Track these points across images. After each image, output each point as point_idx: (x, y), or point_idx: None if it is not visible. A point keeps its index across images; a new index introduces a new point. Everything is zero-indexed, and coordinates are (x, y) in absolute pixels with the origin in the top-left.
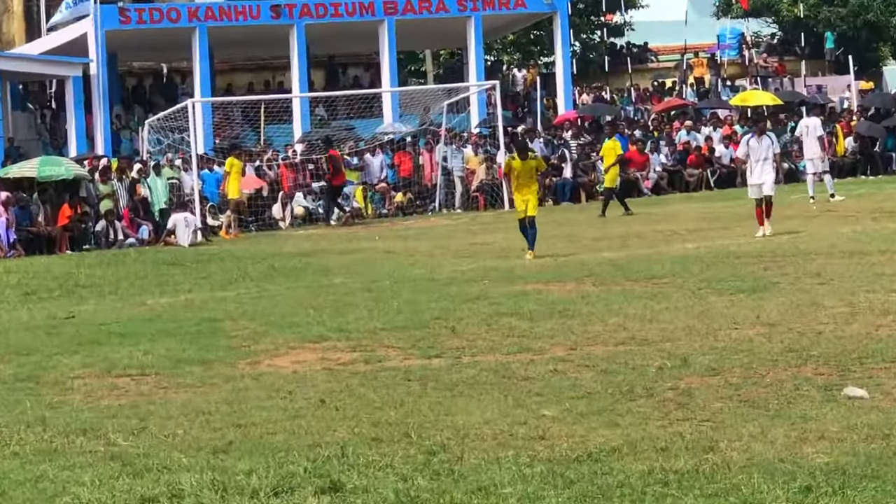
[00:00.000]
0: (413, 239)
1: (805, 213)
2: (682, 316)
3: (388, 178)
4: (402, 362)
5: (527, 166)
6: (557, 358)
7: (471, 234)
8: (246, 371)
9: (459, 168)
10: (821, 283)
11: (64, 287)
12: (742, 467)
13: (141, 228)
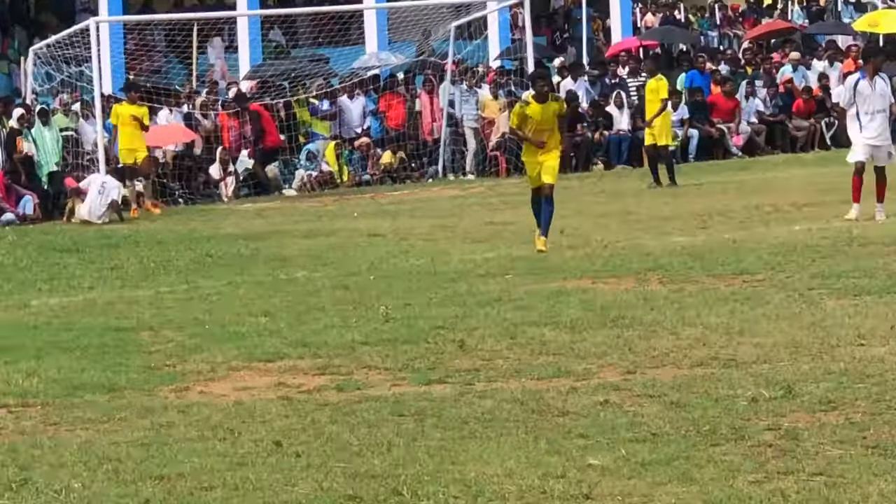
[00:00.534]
0: (407, 216)
1: None
2: (784, 327)
3: (372, 130)
4: (391, 389)
5: (547, 113)
6: (609, 385)
7: (488, 210)
8: (170, 401)
9: (472, 117)
10: None
11: None
12: None
13: (23, 199)
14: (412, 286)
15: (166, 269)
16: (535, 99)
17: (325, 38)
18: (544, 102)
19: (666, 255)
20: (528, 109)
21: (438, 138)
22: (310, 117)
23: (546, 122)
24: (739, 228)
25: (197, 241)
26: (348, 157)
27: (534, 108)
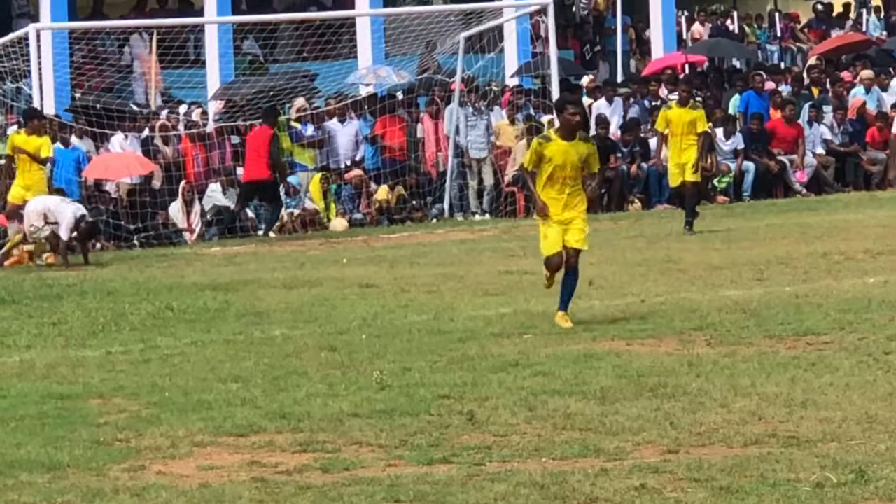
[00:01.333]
0: (406, 264)
1: None
2: (856, 398)
3: (366, 160)
4: (386, 470)
5: (572, 155)
6: (646, 466)
7: (503, 257)
8: (122, 482)
9: (480, 146)
10: None
11: None
12: None
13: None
14: (412, 347)
15: (119, 325)
16: (559, 134)
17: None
18: (571, 140)
19: (715, 311)
20: (547, 148)
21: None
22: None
23: (570, 167)
24: (803, 281)
25: (156, 291)
26: (337, 193)
27: (556, 146)
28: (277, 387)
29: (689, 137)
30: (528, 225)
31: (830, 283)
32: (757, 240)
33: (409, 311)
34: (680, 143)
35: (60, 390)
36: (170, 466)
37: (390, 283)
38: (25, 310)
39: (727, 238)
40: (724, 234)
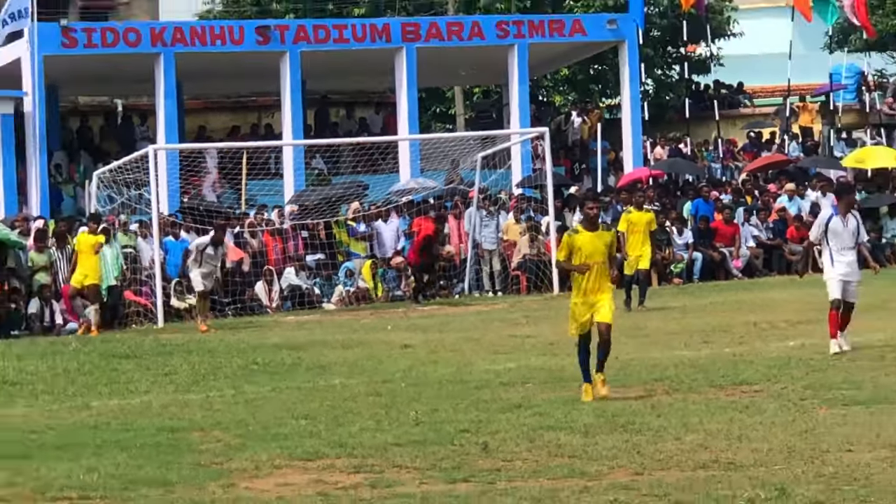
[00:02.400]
0: (436, 329)
1: None
2: (779, 433)
3: (405, 251)
4: (419, 487)
5: (597, 243)
6: (619, 485)
7: (510, 325)
8: (217, 496)
9: (491, 240)
10: None
11: None
12: None
13: (86, 310)
14: (440, 393)
15: (216, 375)
16: (584, 226)
17: (364, 166)
18: (594, 230)
19: (672, 367)
20: (576, 239)
21: (465, 259)
22: (348, 238)
23: (597, 253)
24: (739, 343)
25: (244, 350)
26: (383, 275)
27: (583, 237)
28: (336, 423)
29: (646, 234)
30: (529, 300)
31: (759, 345)
32: (704, 312)
33: (437, 365)
34: (639, 239)
35: (171, 424)
36: (254, 484)
37: (423, 345)
38: (144, 363)
39: (681, 311)
40: (678, 308)
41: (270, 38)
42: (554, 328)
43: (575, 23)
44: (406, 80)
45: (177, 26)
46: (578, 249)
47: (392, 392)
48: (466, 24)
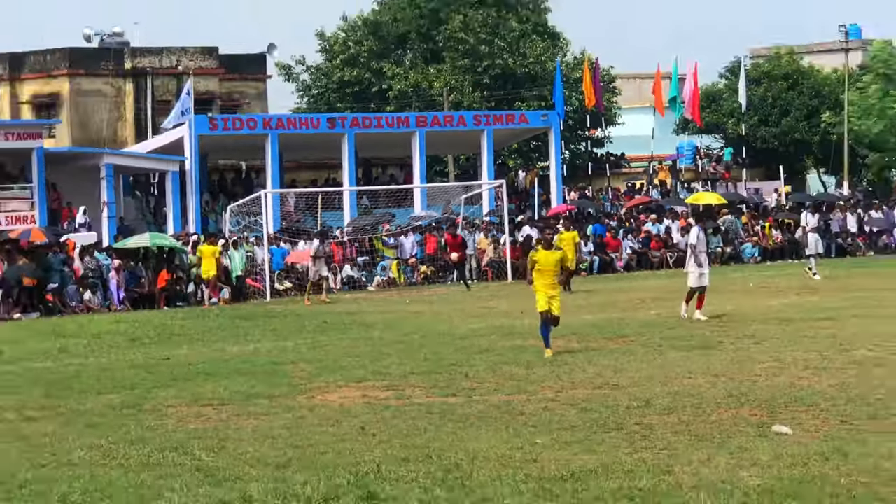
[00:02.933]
0: (436, 303)
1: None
2: (645, 367)
3: (417, 255)
4: (426, 399)
5: (550, 259)
6: (547, 398)
7: (481, 300)
8: (302, 404)
9: (471, 248)
10: (755, 343)
11: (161, 335)
12: (691, 487)
13: (222, 291)
14: (439, 342)
15: (301, 330)
16: (542, 246)
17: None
18: (549, 249)
19: (580, 327)
20: (536, 255)
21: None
22: (382, 247)
23: (549, 264)
24: (621, 312)
25: (318, 315)
26: (404, 270)
27: (541, 254)
28: (375, 360)
29: (571, 245)
30: (494, 286)
31: (634, 313)
32: (599, 294)
33: (437, 325)
34: (570, 248)
35: (273, 360)
36: (325, 397)
37: (429, 312)
38: (257, 323)
39: (585, 293)
40: (584, 291)
41: (336, 124)
42: (508, 303)
43: (522, 116)
44: (418, 151)
45: (279, 117)
46: (537, 261)
47: (409, 341)
48: (455, 117)
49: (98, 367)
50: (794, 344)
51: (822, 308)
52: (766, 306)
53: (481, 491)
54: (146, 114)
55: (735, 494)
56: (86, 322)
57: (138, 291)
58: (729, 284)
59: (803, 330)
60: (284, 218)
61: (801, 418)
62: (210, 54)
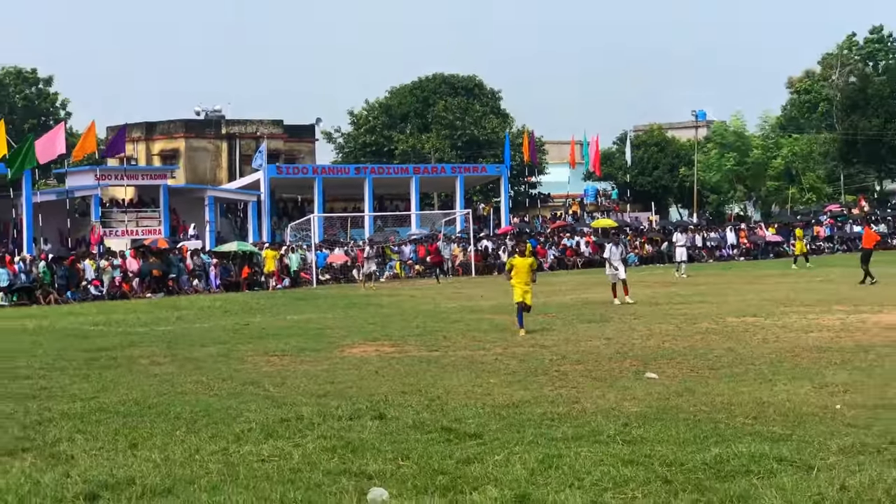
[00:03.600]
0: (426, 290)
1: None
2: (562, 334)
3: (412, 258)
4: (418, 353)
5: (524, 264)
6: (497, 353)
7: (455, 289)
8: (336, 355)
9: (449, 254)
10: (634, 319)
11: (243, 309)
12: (592, 412)
13: (284, 280)
14: (427, 315)
15: (335, 307)
16: (518, 253)
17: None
18: (523, 257)
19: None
20: (514, 260)
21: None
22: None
23: (523, 269)
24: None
25: (350, 297)
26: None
27: (517, 260)
28: (384, 326)
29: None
30: (464, 281)
31: (557, 298)
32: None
33: (426, 305)
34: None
35: (317, 326)
36: (351, 351)
37: (421, 295)
38: (307, 301)
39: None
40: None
41: (360, 172)
42: (472, 290)
43: (482, 167)
44: (414, 190)
45: (323, 166)
46: (514, 265)
47: (407, 314)
48: (438, 168)
49: (202, 329)
50: (659, 319)
51: (678, 295)
52: (642, 294)
53: (453, 413)
54: (235, 163)
55: (620, 417)
56: (194, 300)
57: (229, 280)
58: None
59: (666, 310)
60: (325, 232)
61: (664, 368)
62: (277, 124)
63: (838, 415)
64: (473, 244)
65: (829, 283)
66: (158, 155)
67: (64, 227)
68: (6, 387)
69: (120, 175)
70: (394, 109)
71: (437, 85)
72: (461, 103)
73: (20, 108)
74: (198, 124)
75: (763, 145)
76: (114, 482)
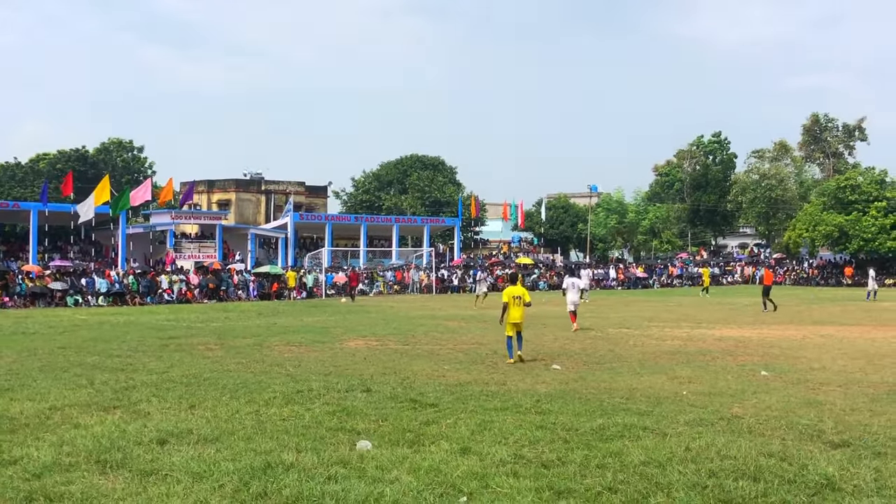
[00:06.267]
0: (401, 302)
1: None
2: (495, 335)
3: (392, 279)
4: (394, 346)
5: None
6: (450, 348)
7: (423, 302)
8: (337, 347)
9: (417, 278)
10: (544, 327)
11: (272, 312)
12: (515, 391)
13: (303, 293)
14: (402, 320)
15: (337, 312)
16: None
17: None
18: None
19: (466, 316)
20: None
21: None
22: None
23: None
24: (485, 309)
25: (346, 306)
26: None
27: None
28: (372, 327)
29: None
30: (428, 296)
31: (491, 312)
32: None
33: (400, 312)
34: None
35: (324, 325)
36: (349, 344)
37: (400, 306)
38: (317, 308)
39: (467, 303)
40: (466, 303)
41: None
42: (434, 304)
43: (443, 219)
44: (395, 234)
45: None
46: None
47: (389, 319)
48: (412, 219)
49: (243, 326)
50: (563, 329)
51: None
52: (553, 311)
53: (419, 389)
54: (271, 210)
55: (534, 395)
56: (237, 305)
57: (263, 292)
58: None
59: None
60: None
61: (566, 362)
62: (301, 185)
63: (685, 398)
64: (435, 272)
65: (679, 307)
66: (216, 203)
67: (147, 251)
68: (104, 363)
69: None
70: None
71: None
72: (429, 175)
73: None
74: (244, 182)
75: (636, 210)
76: (178, 432)
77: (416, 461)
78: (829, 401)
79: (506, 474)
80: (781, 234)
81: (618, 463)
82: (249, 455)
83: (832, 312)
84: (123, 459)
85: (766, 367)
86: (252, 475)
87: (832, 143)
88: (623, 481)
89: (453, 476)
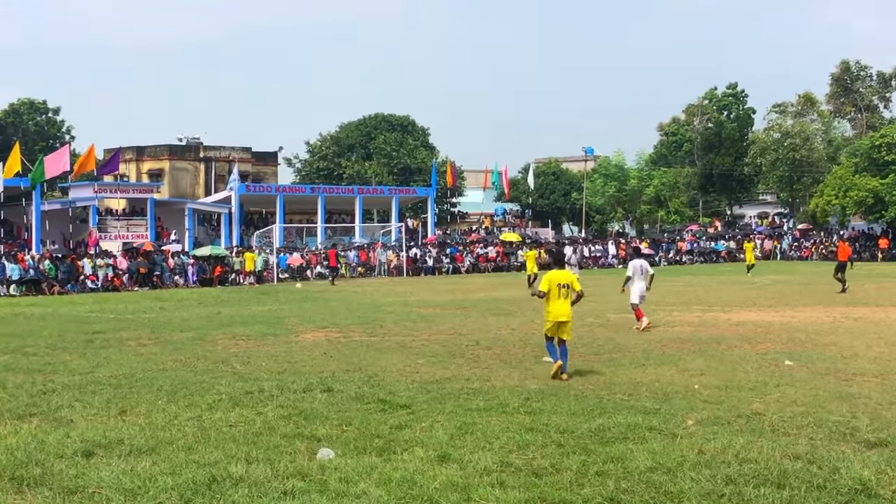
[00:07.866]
0: (366, 287)
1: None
2: (477, 323)
3: (356, 261)
4: (359, 338)
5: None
6: (424, 339)
7: (390, 287)
8: (292, 340)
9: (385, 258)
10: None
11: (216, 301)
12: (500, 388)
13: (250, 277)
14: (367, 308)
15: (290, 300)
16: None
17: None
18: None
19: (442, 302)
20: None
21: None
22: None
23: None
24: (464, 294)
25: (302, 292)
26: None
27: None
28: (332, 316)
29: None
30: (396, 279)
31: (471, 296)
32: (452, 285)
33: (365, 298)
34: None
35: (276, 315)
36: (305, 336)
37: (362, 292)
38: (268, 296)
39: (446, 284)
40: (445, 284)
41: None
42: (404, 288)
43: (413, 190)
44: (358, 207)
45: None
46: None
47: (351, 307)
48: (378, 189)
49: (181, 317)
50: None
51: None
52: None
53: (389, 387)
54: (211, 181)
55: (523, 393)
56: (174, 293)
57: (204, 277)
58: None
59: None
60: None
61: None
62: (247, 151)
63: (696, 393)
64: (406, 251)
65: (690, 287)
66: (147, 173)
67: (66, 231)
68: (17, 362)
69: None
70: (342, 141)
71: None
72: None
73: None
74: (180, 148)
75: (638, 176)
76: (106, 442)
77: (386, 471)
78: (863, 394)
79: (491, 485)
80: (807, 201)
81: (620, 469)
82: (191, 468)
83: (866, 291)
84: (43, 475)
85: (790, 355)
86: (195, 491)
87: (865, 94)
88: (626, 490)
89: (430, 488)
